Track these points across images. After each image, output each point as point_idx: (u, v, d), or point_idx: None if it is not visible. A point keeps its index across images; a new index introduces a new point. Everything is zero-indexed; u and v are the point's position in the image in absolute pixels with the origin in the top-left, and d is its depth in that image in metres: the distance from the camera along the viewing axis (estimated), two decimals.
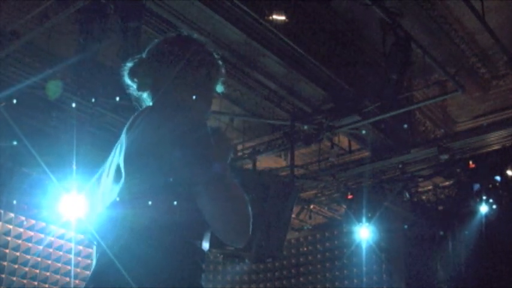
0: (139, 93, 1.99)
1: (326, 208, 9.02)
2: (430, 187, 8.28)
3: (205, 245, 1.81)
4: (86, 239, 7.13)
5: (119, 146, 1.87)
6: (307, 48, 5.58)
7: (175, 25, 5.09)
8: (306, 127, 6.82)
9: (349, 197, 8.00)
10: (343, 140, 7.39)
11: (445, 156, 7.09)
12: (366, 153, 7.50)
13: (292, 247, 9.43)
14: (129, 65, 2.00)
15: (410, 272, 8.09)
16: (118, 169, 1.82)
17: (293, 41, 5.39)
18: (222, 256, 7.10)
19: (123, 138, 1.85)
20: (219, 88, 2.05)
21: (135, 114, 1.88)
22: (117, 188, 1.80)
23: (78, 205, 6.02)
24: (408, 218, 8.20)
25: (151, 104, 1.96)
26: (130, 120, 1.87)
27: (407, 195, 7.95)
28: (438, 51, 5.88)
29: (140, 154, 1.73)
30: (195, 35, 2.08)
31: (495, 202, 7.41)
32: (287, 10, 5.35)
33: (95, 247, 1.81)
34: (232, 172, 1.82)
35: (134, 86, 2.00)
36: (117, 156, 1.85)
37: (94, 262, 1.80)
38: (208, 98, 1.99)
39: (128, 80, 2.00)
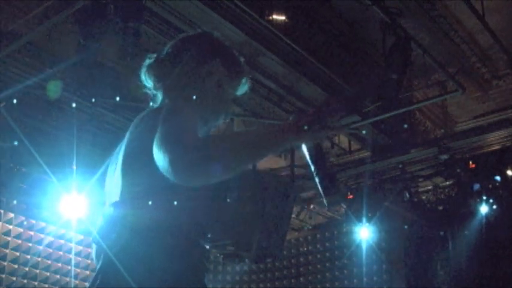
0: (155, 92, 1.98)
1: (326, 208, 9.01)
2: (430, 187, 8.27)
3: (206, 245, 1.81)
4: (91, 239, 7.12)
5: (120, 146, 1.88)
6: (307, 48, 5.58)
7: (175, 25, 5.08)
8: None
9: (349, 197, 8.00)
10: (343, 140, 7.39)
11: (445, 156, 7.09)
12: (366, 153, 7.50)
13: (292, 247, 9.43)
14: (146, 63, 1.98)
15: (410, 272, 8.08)
16: (116, 170, 1.83)
17: (293, 41, 5.39)
18: (222, 256, 7.09)
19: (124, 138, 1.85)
20: (241, 90, 2.01)
21: (141, 114, 1.88)
22: (115, 188, 1.81)
23: (78, 205, 6.02)
24: (408, 218, 8.20)
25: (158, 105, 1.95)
26: (136, 120, 1.87)
27: (407, 195, 7.95)
28: (438, 51, 5.88)
29: (139, 154, 1.73)
30: (216, 35, 2.02)
31: (495, 202, 7.41)
32: (287, 10, 5.35)
33: (94, 247, 1.81)
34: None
35: (149, 85, 1.98)
36: (117, 157, 1.86)
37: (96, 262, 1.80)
38: (216, 104, 1.95)
39: (143, 79, 1.98)
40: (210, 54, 1.94)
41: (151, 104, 1.99)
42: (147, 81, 1.97)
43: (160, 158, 1.56)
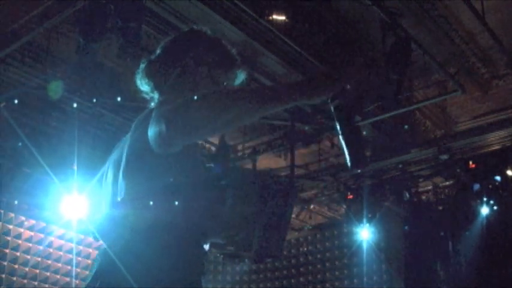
0: (152, 95, 1.99)
1: (326, 208, 9.02)
2: (430, 187, 8.28)
3: (205, 245, 1.81)
4: (92, 239, 7.12)
5: (120, 146, 1.88)
6: (307, 48, 5.58)
7: (175, 25, 5.08)
8: (306, 127, 6.82)
9: (349, 197, 8.00)
10: None
11: (445, 156, 7.09)
12: (366, 153, 7.49)
13: (292, 247, 9.44)
14: (140, 68, 1.99)
15: (410, 272, 8.08)
16: (116, 170, 1.83)
17: (293, 41, 5.39)
18: (222, 256, 7.11)
19: (126, 139, 1.86)
20: (237, 80, 2.02)
21: (141, 115, 1.89)
22: (115, 188, 1.81)
23: (79, 205, 6.02)
24: (408, 218, 8.20)
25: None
26: (136, 121, 1.88)
27: (407, 195, 7.95)
28: (438, 51, 5.88)
29: (140, 155, 1.74)
30: (205, 30, 2.04)
31: (495, 202, 7.41)
32: (287, 10, 5.35)
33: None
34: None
35: (145, 89, 1.99)
36: (118, 157, 1.86)
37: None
38: None
39: (139, 84, 2.00)
40: (196, 46, 1.96)
41: (152, 104, 1.99)
42: (143, 86, 1.98)
43: (151, 132, 1.64)
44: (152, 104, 1.99)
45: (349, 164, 1.77)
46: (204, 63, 1.94)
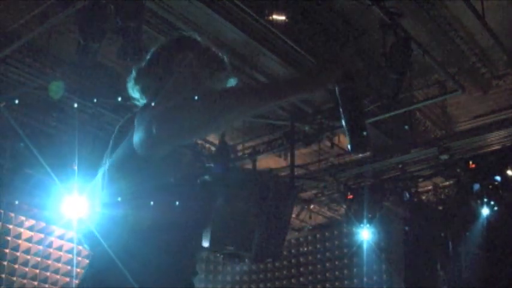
0: (142, 102, 1.99)
1: (326, 208, 9.02)
2: (430, 187, 8.28)
3: (205, 244, 1.82)
4: (81, 240, 7.12)
5: (111, 147, 1.89)
6: (307, 48, 5.58)
7: (175, 25, 5.09)
8: (306, 127, 6.82)
9: (349, 197, 8.00)
10: (343, 140, 7.39)
11: (445, 156, 7.09)
12: (366, 153, 7.50)
13: (292, 247, 9.44)
14: (131, 77, 2.00)
15: (410, 272, 8.09)
16: (107, 170, 1.84)
17: (293, 41, 5.39)
18: (222, 256, 7.12)
19: (110, 145, 1.86)
20: (228, 86, 2.02)
21: (130, 115, 1.90)
22: (106, 189, 1.82)
23: (79, 206, 6.02)
24: (408, 218, 8.20)
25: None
26: (122, 122, 1.89)
27: (407, 195, 7.95)
28: (438, 51, 5.88)
29: (126, 158, 1.75)
30: (195, 37, 2.05)
31: (495, 202, 7.40)
32: (287, 10, 5.35)
33: (87, 247, 1.83)
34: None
35: (136, 96, 2.00)
36: (114, 158, 1.86)
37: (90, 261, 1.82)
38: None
39: (130, 92, 2.00)
40: (185, 52, 1.96)
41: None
42: (134, 93, 1.99)
43: (139, 135, 1.64)
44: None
45: (349, 147, 1.77)
46: (192, 69, 1.93)
